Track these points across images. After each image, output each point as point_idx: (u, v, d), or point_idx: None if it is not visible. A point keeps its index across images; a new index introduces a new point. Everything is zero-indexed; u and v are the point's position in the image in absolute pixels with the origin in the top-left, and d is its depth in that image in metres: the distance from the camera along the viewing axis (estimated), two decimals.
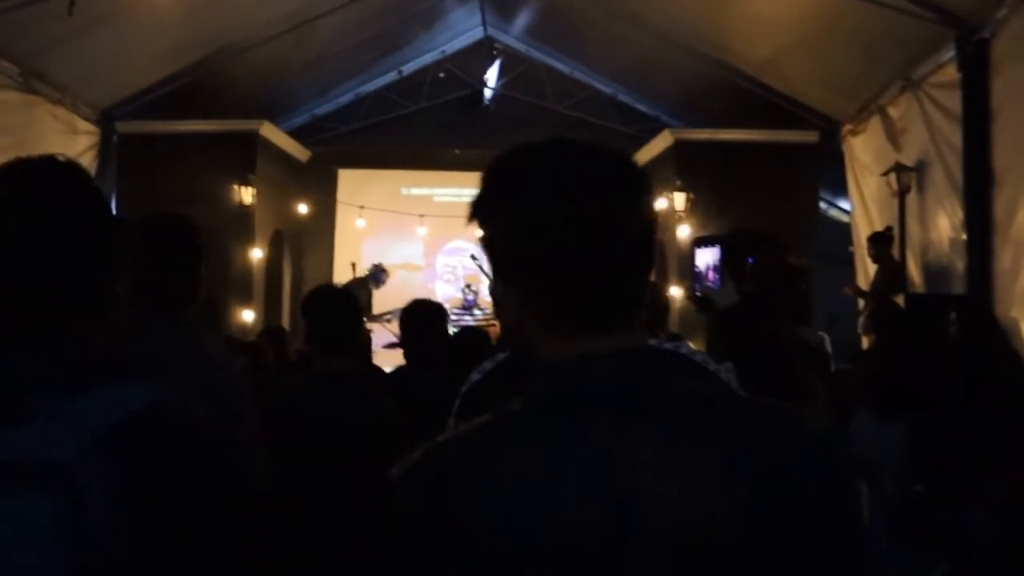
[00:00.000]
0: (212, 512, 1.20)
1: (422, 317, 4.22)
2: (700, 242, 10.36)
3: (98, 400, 1.16)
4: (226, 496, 1.23)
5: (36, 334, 1.21)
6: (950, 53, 8.10)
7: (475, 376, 1.85)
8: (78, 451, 1.10)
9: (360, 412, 3.28)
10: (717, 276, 5.16)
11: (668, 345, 1.49)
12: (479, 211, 1.22)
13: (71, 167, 1.31)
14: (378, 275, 11.39)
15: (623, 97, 13.69)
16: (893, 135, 9.57)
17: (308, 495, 3.12)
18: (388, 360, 8.21)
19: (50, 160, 1.30)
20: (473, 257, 11.37)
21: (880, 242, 8.85)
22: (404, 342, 4.27)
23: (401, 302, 5.11)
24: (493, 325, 11.46)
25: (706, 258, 9.81)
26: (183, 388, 1.27)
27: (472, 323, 11.32)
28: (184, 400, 1.23)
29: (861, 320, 9.13)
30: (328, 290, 3.85)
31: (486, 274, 10.90)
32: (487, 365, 1.85)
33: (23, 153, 1.33)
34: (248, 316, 11.21)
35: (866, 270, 10.12)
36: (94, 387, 1.17)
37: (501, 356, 1.86)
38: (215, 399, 1.77)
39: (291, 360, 6.15)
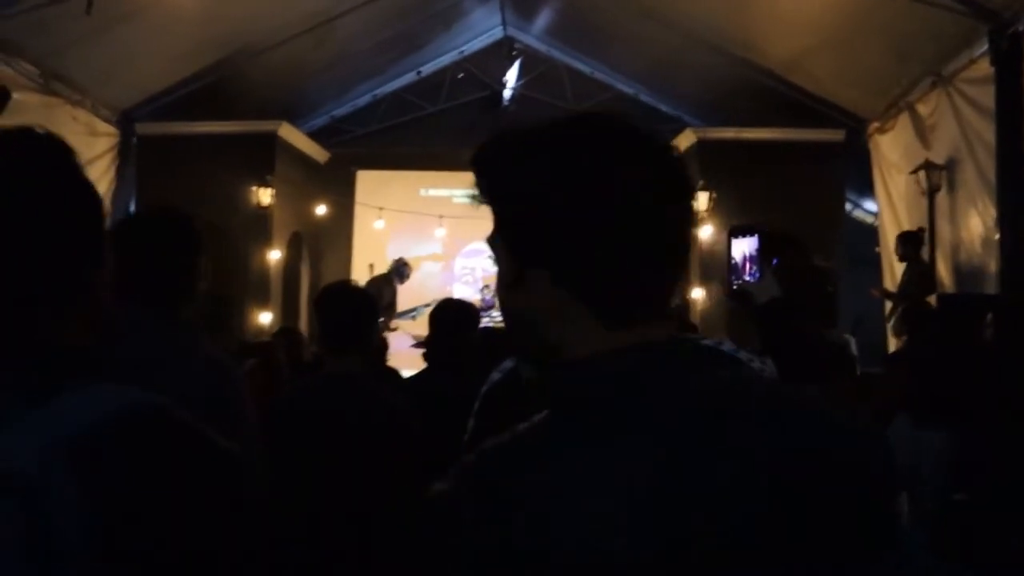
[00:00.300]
0: (198, 522, 1.06)
1: (451, 317, 4.06)
2: (736, 231, 10.14)
3: (66, 405, 1.03)
4: (213, 504, 1.09)
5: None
6: (983, 47, 7.90)
7: (495, 376, 1.71)
8: (41, 462, 0.97)
9: (367, 414, 3.15)
10: (756, 268, 4.98)
11: (707, 342, 1.36)
12: (502, 180, 1.12)
13: (51, 140, 1.15)
14: (401, 269, 11.27)
15: (645, 97, 13.52)
16: (922, 133, 9.40)
17: (312, 500, 2.99)
18: (414, 362, 8.13)
19: (26, 131, 1.14)
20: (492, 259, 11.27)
21: (909, 242, 8.66)
22: (430, 343, 4.12)
23: (423, 300, 5.05)
24: None
25: (743, 248, 9.61)
26: (172, 390, 1.15)
27: (491, 324, 11.17)
28: (162, 401, 1.09)
29: (891, 322, 8.95)
30: (341, 286, 3.70)
31: None
32: (508, 364, 1.72)
33: None
34: (265, 318, 11.13)
35: (893, 272, 9.94)
36: (64, 390, 1.04)
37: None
38: (210, 402, 1.65)
39: (305, 362, 6.02)
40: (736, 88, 10.98)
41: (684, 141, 11.75)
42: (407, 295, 11.33)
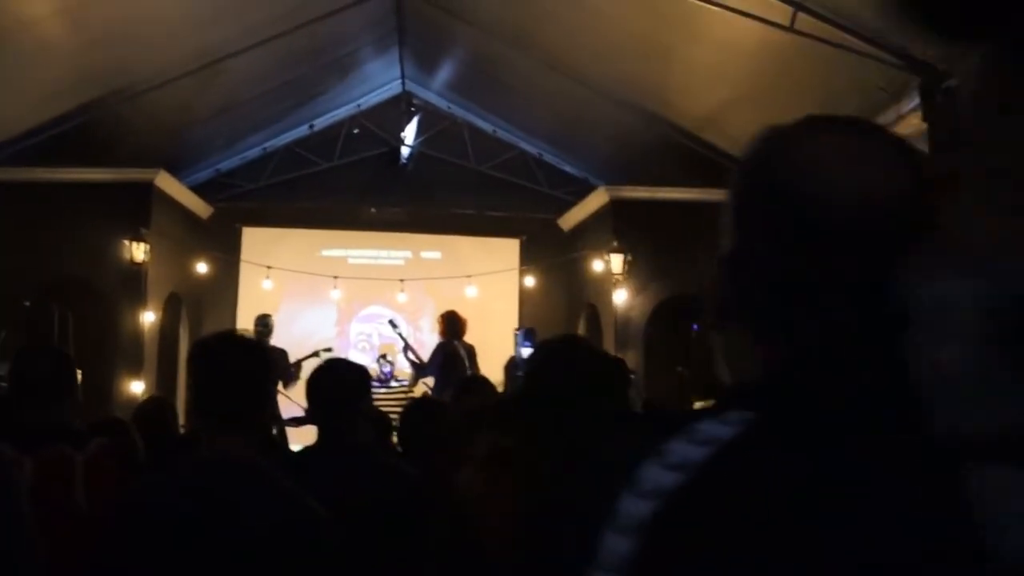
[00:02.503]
0: None
1: (337, 383, 3.22)
2: None
3: None
4: None
5: None
6: (913, 101, 7.62)
7: (665, 477, 0.89)
8: None
9: (263, 513, 2.28)
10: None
11: None
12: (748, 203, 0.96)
13: None
14: (265, 321, 10.25)
15: (549, 157, 13.12)
16: None
17: None
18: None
19: None
20: (392, 324, 10.59)
21: None
22: (314, 415, 3.27)
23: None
24: (412, 395, 10.63)
25: None
26: None
27: (389, 395, 10.41)
28: None
29: None
30: (228, 337, 2.81)
31: (405, 342, 10.08)
32: (683, 451, 0.91)
33: None
34: (137, 387, 10.13)
35: None
36: None
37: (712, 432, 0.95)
38: None
39: (178, 439, 5.06)
40: (647, 146, 10.65)
41: (596, 200, 11.34)
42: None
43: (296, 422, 7.86)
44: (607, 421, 2.24)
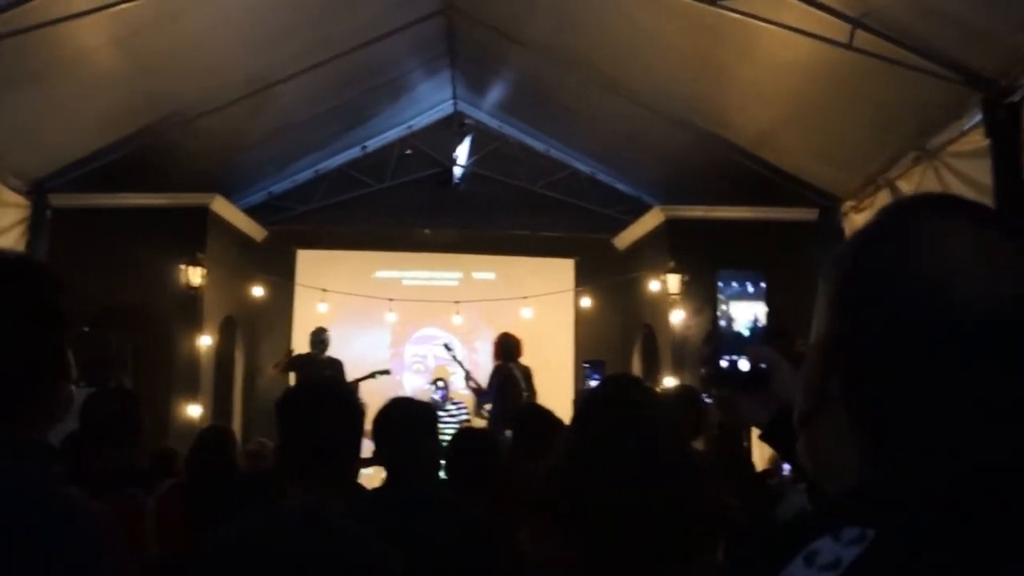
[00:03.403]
0: None
1: (401, 422, 3.15)
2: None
3: None
4: None
5: None
6: (975, 118, 7.42)
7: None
8: None
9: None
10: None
11: None
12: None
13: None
14: (320, 336, 10.35)
15: (602, 176, 13.03)
16: None
17: None
18: None
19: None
20: (447, 347, 10.52)
21: None
22: (380, 455, 3.21)
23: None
24: (469, 421, 10.59)
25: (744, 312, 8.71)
26: None
27: (446, 423, 10.38)
28: None
29: None
30: (318, 387, 2.74)
31: (464, 369, 10.01)
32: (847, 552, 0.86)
33: None
34: (195, 412, 10.18)
35: None
36: None
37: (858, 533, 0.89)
38: None
39: (235, 468, 5.04)
40: (702, 165, 10.56)
41: (652, 220, 11.24)
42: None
43: (364, 463, 7.82)
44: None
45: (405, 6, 9.63)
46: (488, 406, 9.34)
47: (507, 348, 9.29)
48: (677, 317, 10.49)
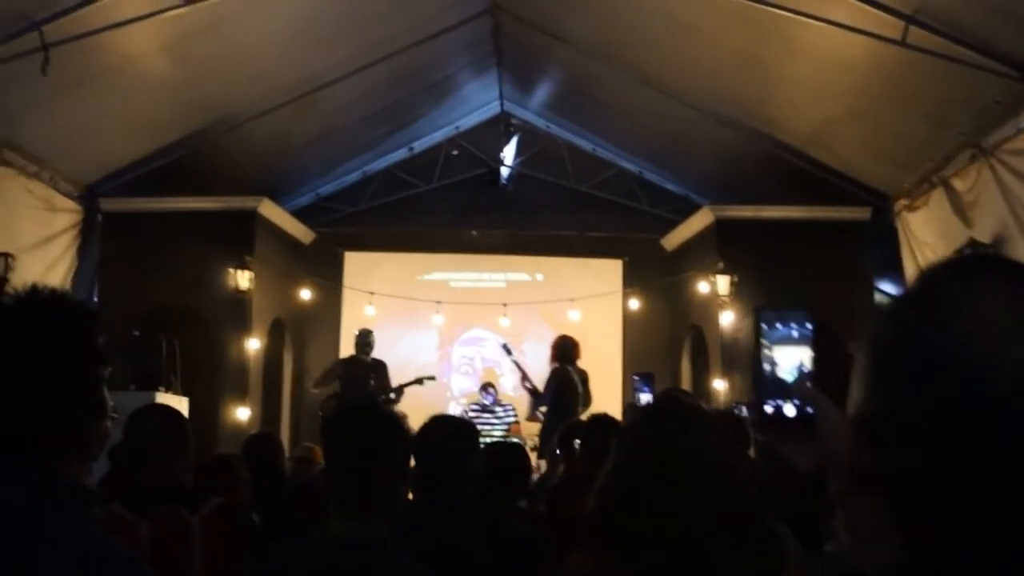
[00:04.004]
0: None
1: (444, 441, 3.13)
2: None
3: None
4: None
5: None
6: None
7: None
8: None
9: None
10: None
11: None
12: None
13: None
14: (364, 338, 10.41)
15: (650, 175, 12.95)
16: (961, 209, 8.76)
17: None
18: None
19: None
20: (506, 349, 10.33)
21: None
22: (418, 473, 3.18)
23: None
24: (517, 423, 10.58)
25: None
26: None
27: (493, 425, 10.39)
28: None
29: None
30: (362, 412, 2.66)
31: (521, 370, 9.86)
32: None
33: None
34: (243, 415, 10.28)
35: None
36: None
37: None
38: None
39: (283, 474, 5.07)
40: (751, 163, 10.45)
41: (700, 220, 11.14)
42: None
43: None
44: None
45: (452, 7, 9.65)
46: (543, 408, 9.21)
47: (565, 350, 9.07)
48: (726, 319, 10.40)
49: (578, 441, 4.74)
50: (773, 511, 2.12)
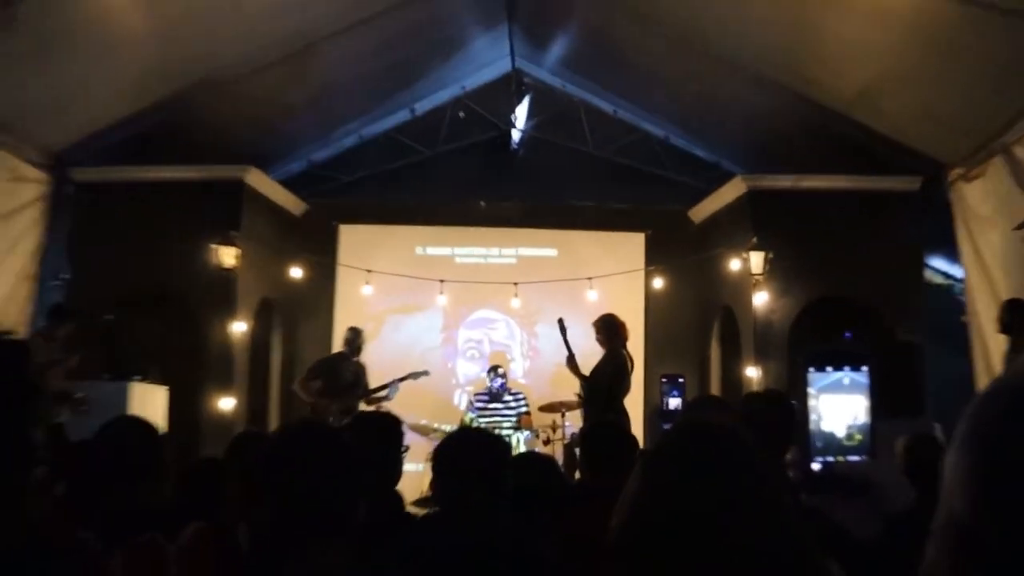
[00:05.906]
0: None
1: (471, 460, 3.04)
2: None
3: None
4: None
5: None
6: None
7: None
8: None
9: None
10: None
11: None
12: None
13: None
14: (351, 339, 10.37)
15: (677, 140, 12.87)
16: (1023, 180, 8.67)
17: None
18: None
19: None
20: (561, 325, 9.44)
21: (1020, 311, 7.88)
22: (440, 493, 3.14)
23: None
24: (528, 414, 10.52)
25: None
26: None
27: (504, 416, 10.34)
28: None
29: None
30: (300, 436, 2.43)
31: (568, 346, 9.20)
32: None
33: None
34: (227, 404, 10.28)
35: (985, 346, 9.21)
36: None
37: None
38: None
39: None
40: (788, 128, 10.35)
41: (732, 191, 11.06)
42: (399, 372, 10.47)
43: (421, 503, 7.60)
44: None
45: None
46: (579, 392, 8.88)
47: (614, 329, 8.72)
48: (760, 299, 10.33)
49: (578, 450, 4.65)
50: None
